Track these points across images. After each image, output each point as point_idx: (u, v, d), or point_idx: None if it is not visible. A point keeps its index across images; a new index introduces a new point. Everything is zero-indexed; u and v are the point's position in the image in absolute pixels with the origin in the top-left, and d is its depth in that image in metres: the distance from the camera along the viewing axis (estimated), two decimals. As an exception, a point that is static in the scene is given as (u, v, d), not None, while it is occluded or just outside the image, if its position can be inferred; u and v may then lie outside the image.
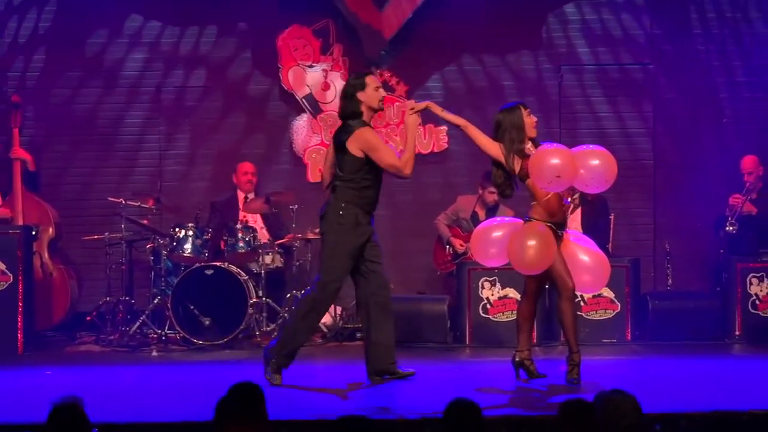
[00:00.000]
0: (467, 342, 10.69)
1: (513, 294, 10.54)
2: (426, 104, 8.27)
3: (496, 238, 8.11)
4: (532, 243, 7.84)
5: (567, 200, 8.46)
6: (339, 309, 11.37)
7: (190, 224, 11.04)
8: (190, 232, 10.98)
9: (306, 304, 8.18)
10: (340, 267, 8.13)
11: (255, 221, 11.68)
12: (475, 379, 8.47)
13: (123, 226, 11.16)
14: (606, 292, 10.65)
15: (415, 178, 12.03)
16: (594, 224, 11.19)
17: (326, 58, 12.57)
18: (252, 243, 11.10)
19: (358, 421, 4.42)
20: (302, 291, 10.88)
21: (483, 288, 10.69)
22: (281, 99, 12.64)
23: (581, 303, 10.60)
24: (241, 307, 10.74)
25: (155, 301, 11.07)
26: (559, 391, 7.75)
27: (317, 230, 11.33)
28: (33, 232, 11.06)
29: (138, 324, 10.98)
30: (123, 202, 11.14)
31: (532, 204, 8.09)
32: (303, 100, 12.55)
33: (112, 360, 10.24)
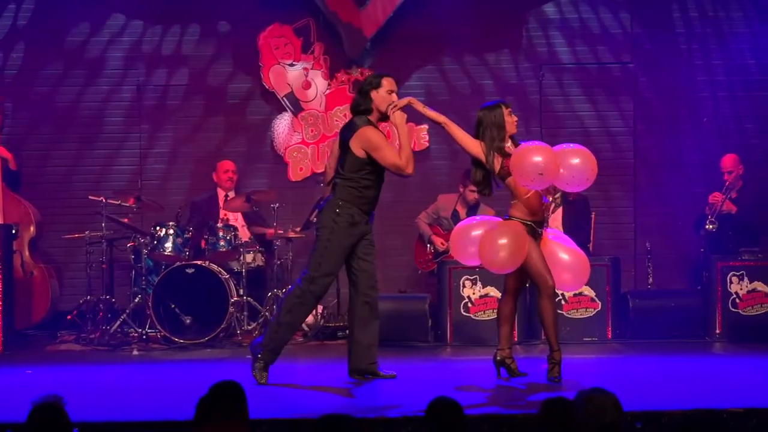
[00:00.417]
0: (448, 340, 10.69)
1: (494, 292, 10.54)
2: (407, 100, 8.26)
3: (476, 237, 8.11)
4: (503, 242, 7.85)
5: (547, 198, 8.46)
6: (320, 308, 11.35)
7: (171, 223, 11.04)
8: (171, 231, 10.96)
9: (291, 299, 8.17)
10: (328, 264, 8.12)
11: (236, 220, 11.67)
12: (457, 378, 8.47)
13: (104, 225, 11.12)
14: (587, 291, 10.67)
15: (396, 177, 12.08)
16: (575, 223, 11.20)
17: (307, 57, 12.56)
18: (233, 242, 11.09)
19: (340, 420, 4.41)
20: (284, 290, 10.91)
21: (464, 287, 10.70)
22: (262, 98, 12.63)
23: (562, 302, 10.61)
24: (222, 306, 10.73)
25: (136, 300, 11.05)
26: (540, 390, 7.76)
27: (298, 228, 11.41)
28: (13, 231, 11.03)
29: (119, 323, 10.96)
30: (104, 201, 11.10)
31: (512, 202, 8.10)
32: (284, 99, 12.54)
33: (93, 359, 10.21)
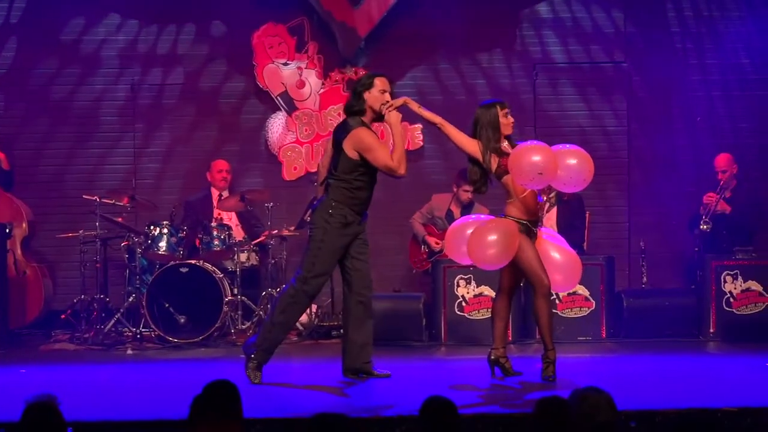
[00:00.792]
0: (443, 340, 10.69)
1: (488, 292, 10.54)
2: (403, 100, 8.26)
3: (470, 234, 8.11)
4: (493, 239, 7.86)
5: (541, 198, 8.47)
6: (314, 307, 11.35)
7: (165, 222, 11.03)
8: (165, 230, 10.96)
9: (285, 299, 8.17)
10: (321, 264, 8.12)
11: (230, 219, 11.66)
12: (451, 377, 8.47)
13: (97, 224, 11.11)
14: (581, 290, 10.67)
15: (390, 176, 12.07)
16: (570, 223, 11.20)
17: (301, 56, 12.55)
18: (227, 241, 11.09)
19: (334, 419, 4.41)
20: (278, 289, 10.91)
21: (458, 286, 10.70)
22: (256, 97, 12.62)
23: (556, 301, 10.62)
24: (217, 305, 10.72)
25: (130, 299, 11.04)
26: (535, 389, 7.77)
27: (292, 227, 11.41)
28: (6, 230, 11.02)
29: (113, 322, 10.95)
30: (98, 200, 11.08)
31: (508, 201, 8.10)
32: (278, 98, 12.54)
33: (87, 358, 10.20)
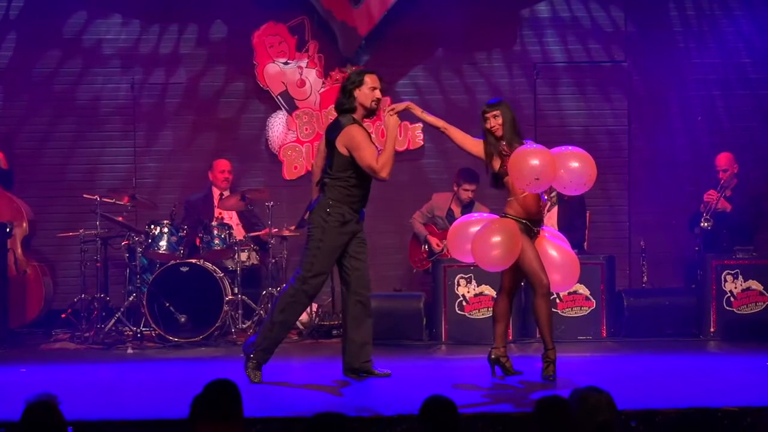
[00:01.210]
0: (443, 339, 10.69)
1: (489, 291, 10.54)
2: (405, 105, 8.30)
3: (474, 234, 8.11)
4: (497, 240, 7.87)
5: (544, 197, 8.47)
6: (315, 306, 11.35)
7: (166, 221, 11.02)
8: (166, 229, 10.95)
9: (285, 298, 8.18)
10: (320, 263, 8.12)
11: (230, 218, 11.66)
12: (451, 377, 8.47)
13: (98, 223, 11.10)
14: (581, 290, 10.68)
15: (391, 176, 12.04)
16: (570, 222, 11.20)
17: (302, 55, 12.55)
18: (227, 240, 11.08)
19: (334, 419, 4.41)
20: (278, 288, 10.91)
21: (459, 285, 10.70)
22: (257, 96, 12.62)
23: (557, 300, 10.62)
24: (217, 304, 10.72)
25: (130, 299, 11.04)
26: (535, 388, 7.77)
27: (293, 227, 11.40)
28: (6, 229, 11.01)
29: (113, 321, 10.95)
30: (98, 199, 11.07)
31: (508, 200, 8.11)
32: (278, 97, 12.53)
33: (88, 357, 10.20)
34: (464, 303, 10.69)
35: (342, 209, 8.10)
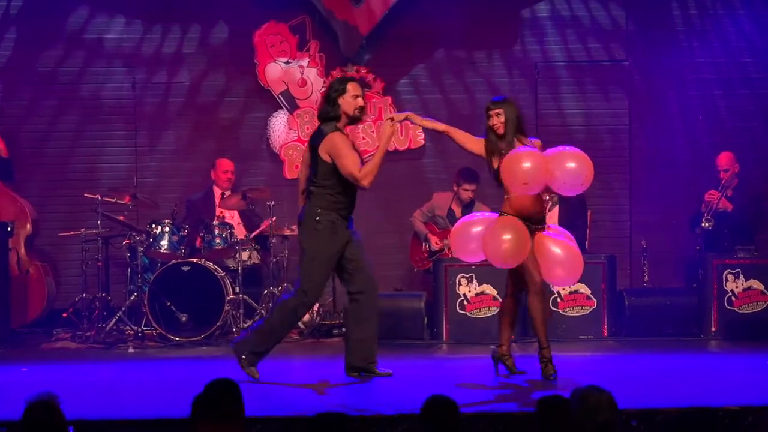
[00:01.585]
0: (444, 338, 10.69)
1: (490, 290, 10.55)
2: (406, 115, 8.37)
3: (477, 234, 8.12)
4: (508, 237, 7.87)
5: (546, 197, 8.49)
6: (316, 305, 11.35)
7: (167, 220, 11.01)
8: (167, 229, 10.94)
9: (285, 310, 8.15)
10: (318, 274, 8.11)
11: (232, 217, 11.66)
12: (452, 376, 8.46)
13: (99, 223, 11.10)
14: (582, 289, 10.68)
15: (392, 175, 12.06)
16: (571, 221, 11.18)
17: (303, 55, 12.55)
18: (229, 239, 11.08)
19: (335, 418, 4.41)
20: (279, 288, 10.92)
21: (460, 284, 10.69)
22: (258, 95, 12.61)
23: (558, 299, 10.62)
24: (218, 304, 10.72)
25: (132, 298, 11.04)
26: (537, 388, 7.77)
27: (294, 227, 11.38)
28: (9, 229, 11.01)
29: (114, 320, 10.95)
30: (99, 198, 11.07)
31: (505, 197, 8.13)
32: (279, 97, 12.53)
33: (89, 357, 10.20)
34: (465, 302, 10.69)
35: (331, 216, 8.08)
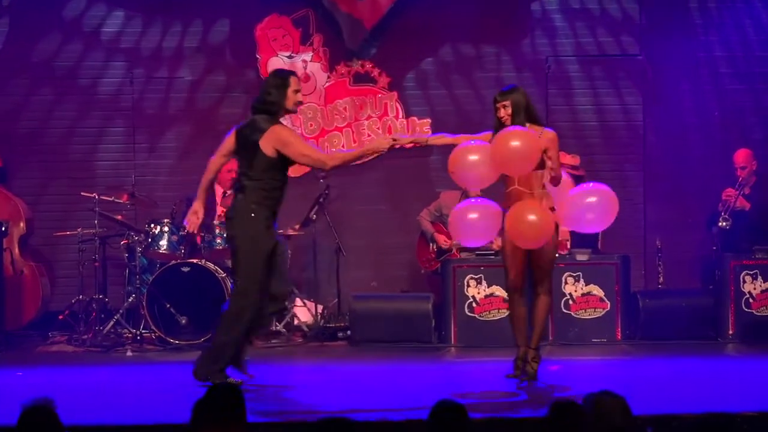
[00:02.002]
0: (453, 342, 10.68)
1: (499, 292, 10.52)
2: (411, 139, 8.56)
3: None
4: (533, 218, 7.91)
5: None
6: (320, 308, 11.37)
7: (166, 220, 11.01)
8: (166, 228, 10.94)
9: (230, 320, 8.07)
10: (256, 270, 8.02)
11: (233, 217, 11.65)
12: (461, 380, 8.48)
13: (96, 222, 11.10)
14: (595, 290, 10.67)
15: (397, 173, 12.07)
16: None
17: (306, 49, 12.55)
18: (230, 239, 11.07)
19: (340, 424, 4.41)
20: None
21: (468, 286, 10.69)
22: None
23: (570, 301, 10.62)
24: (219, 306, 10.70)
25: (130, 300, 11.05)
26: (548, 393, 7.77)
27: (297, 226, 11.41)
28: (2, 228, 11.02)
29: (112, 323, 10.95)
30: (96, 197, 11.08)
31: (505, 192, 8.30)
32: (282, 92, 12.52)
33: (86, 360, 10.20)
34: (474, 304, 10.68)
35: (265, 212, 8.06)
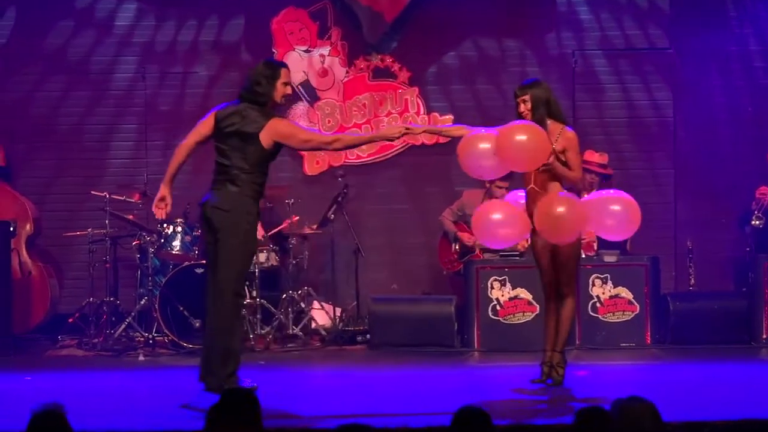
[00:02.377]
0: (476, 346, 10.66)
1: (524, 294, 10.52)
2: (424, 128, 8.69)
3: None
4: (561, 210, 7.93)
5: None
6: (339, 310, 11.37)
7: (179, 220, 11.01)
8: (179, 228, 10.96)
9: (225, 319, 8.02)
10: (243, 265, 7.99)
11: (248, 216, 11.67)
12: (485, 386, 8.48)
13: (107, 222, 11.13)
14: (624, 293, 10.65)
15: (417, 171, 12.07)
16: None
17: (324, 43, 12.55)
18: (245, 240, 11.08)
19: (359, 430, 4.40)
20: (299, 291, 10.97)
21: (492, 288, 10.67)
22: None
23: (597, 304, 10.61)
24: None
25: (142, 302, 11.06)
26: (574, 399, 7.76)
27: (314, 226, 11.42)
28: (10, 228, 11.05)
29: (123, 326, 10.96)
30: (107, 196, 11.10)
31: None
32: (299, 87, 12.52)
33: (96, 365, 10.23)
34: (498, 307, 10.66)
35: (256, 207, 8.08)
